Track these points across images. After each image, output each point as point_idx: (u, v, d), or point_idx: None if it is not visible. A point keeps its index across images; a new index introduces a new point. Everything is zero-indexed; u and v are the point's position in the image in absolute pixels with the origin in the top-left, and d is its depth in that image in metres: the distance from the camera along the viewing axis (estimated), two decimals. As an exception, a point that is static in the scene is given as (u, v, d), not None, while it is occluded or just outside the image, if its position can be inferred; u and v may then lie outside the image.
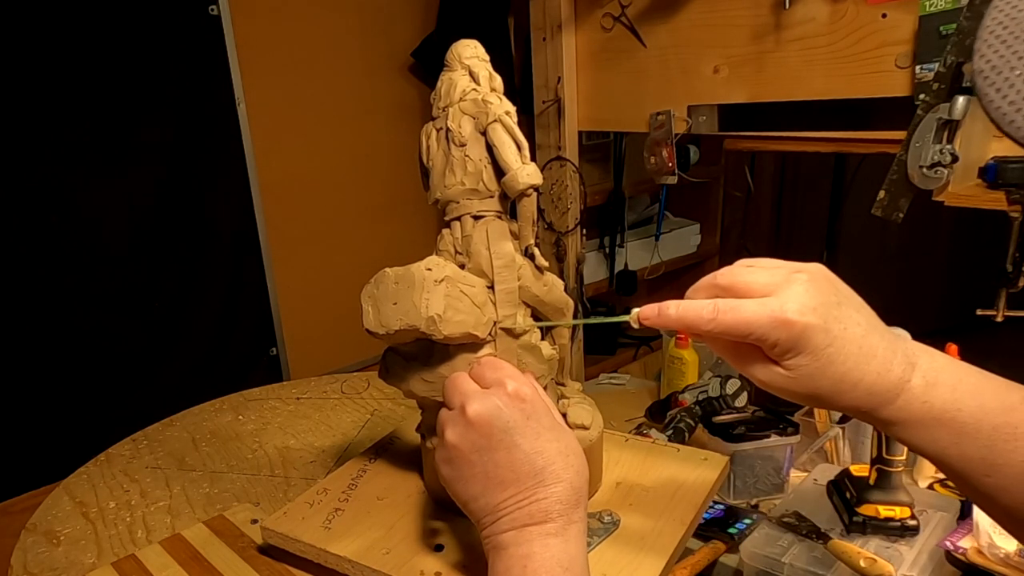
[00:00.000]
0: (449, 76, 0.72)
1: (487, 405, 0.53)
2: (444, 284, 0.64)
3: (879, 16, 1.06)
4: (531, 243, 0.70)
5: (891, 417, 0.47)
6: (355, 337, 0.71)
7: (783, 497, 1.12)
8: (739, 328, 0.46)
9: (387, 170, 2.14)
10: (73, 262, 1.57)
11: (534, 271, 0.71)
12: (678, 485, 0.76)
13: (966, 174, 1.02)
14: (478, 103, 0.69)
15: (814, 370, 0.46)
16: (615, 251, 2.09)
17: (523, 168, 0.66)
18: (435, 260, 0.67)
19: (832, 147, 1.18)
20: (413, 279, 0.64)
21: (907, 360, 0.47)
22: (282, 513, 0.75)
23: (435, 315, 0.63)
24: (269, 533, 0.74)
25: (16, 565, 0.83)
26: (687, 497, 0.74)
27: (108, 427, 1.17)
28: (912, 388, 0.46)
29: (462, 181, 0.69)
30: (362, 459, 0.85)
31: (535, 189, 0.67)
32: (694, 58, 1.29)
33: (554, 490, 0.52)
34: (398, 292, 0.65)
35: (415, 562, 0.66)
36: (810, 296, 0.46)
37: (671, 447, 0.85)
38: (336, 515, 0.74)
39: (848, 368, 0.46)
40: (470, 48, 0.72)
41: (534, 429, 0.53)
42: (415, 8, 2.14)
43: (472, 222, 0.69)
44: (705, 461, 0.81)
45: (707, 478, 0.77)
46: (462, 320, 0.64)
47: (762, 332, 0.45)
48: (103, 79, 1.55)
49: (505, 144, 0.67)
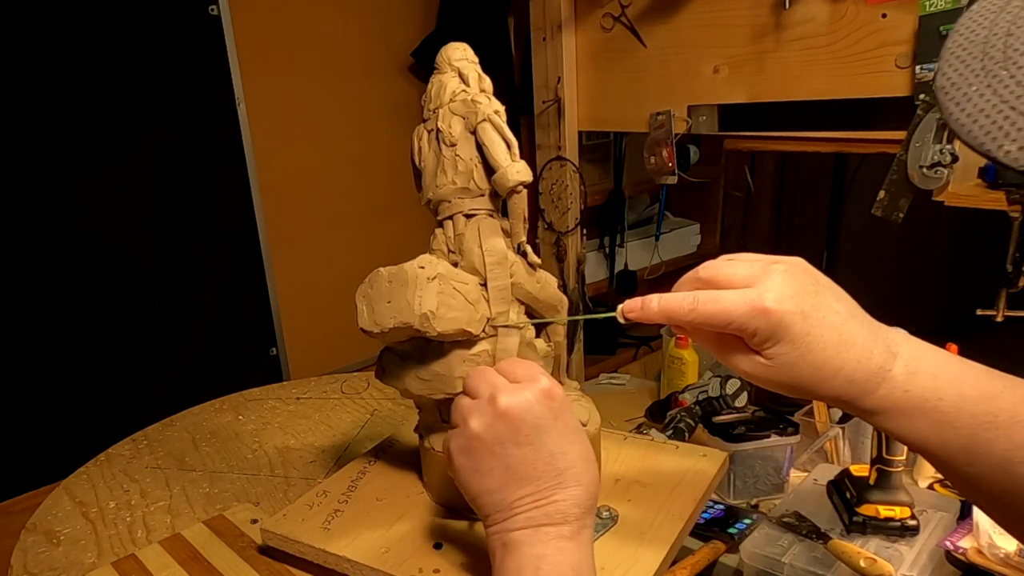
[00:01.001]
0: (439, 78, 0.73)
1: (519, 399, 0.53)
2: (437, 281, 0.65)
3: (879, 16, 1.06)
4: (523, 240, 0.71)
5: (872, 406, 0.47)
6: (355, 337, 0.71)
7: (783, 497, 1.12)
8: (719, 318, 0.47)
9: (387, 170, 2.14)
10: (73, 262, 1.57)
11: (527, 268, 0.71)
12: (677, 480, 0.76)
13: (966, 174, 1.02)
14: (467, 103, 0.70)
15: (793, 358, 0.46)
16: (615, 251, 2.09)
17: (512, 165, 0.67)
18: (427, 258, 0.67)
19: (832, 147, 1.18)
20: (406, 277, 0.65)
21: (888, 349, 0.47)
22: (282, 515, 0.75)
23: (428, 312, 0.63)
24: (269, 535, 0.74)
25: (16, 565, 0.83)
26: (686, 492, 0.74)
27: (108, 427, 1.16)
28: (893, 377, 0.47)
29: (453, 180, 0.70)
30: (362, 461, 0.85)
31: (525, 186, 0.68)
32: (694, 58, 1.29)
33: (573, 492, 0.52)
34: (392, 291, 0.65)
35: (414, 560, 0.67)
36: (787, 285, 0.47)
37: (670, 444, 0.85)
38: (335, 516, 0.74)
39: (828, 356, 0.46)
40: (459, 51, 0.73)
41: (560, 430, 0.53)
42: (415, 8, 2.14)
43: (464, 220, 0.70)
44: (704, 457, 0.81)
45: (706, 473, 0.77)
46: (455, 317, 0.65)
47: (741, 321, 0.46)
48: (103, 79, 1.55)
49: (494, 142, 0.68)
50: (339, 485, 0.80)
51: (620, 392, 1.61)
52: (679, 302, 0.49)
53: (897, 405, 0.47)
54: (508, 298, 0.69)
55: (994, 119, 0.38)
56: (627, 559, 0.65)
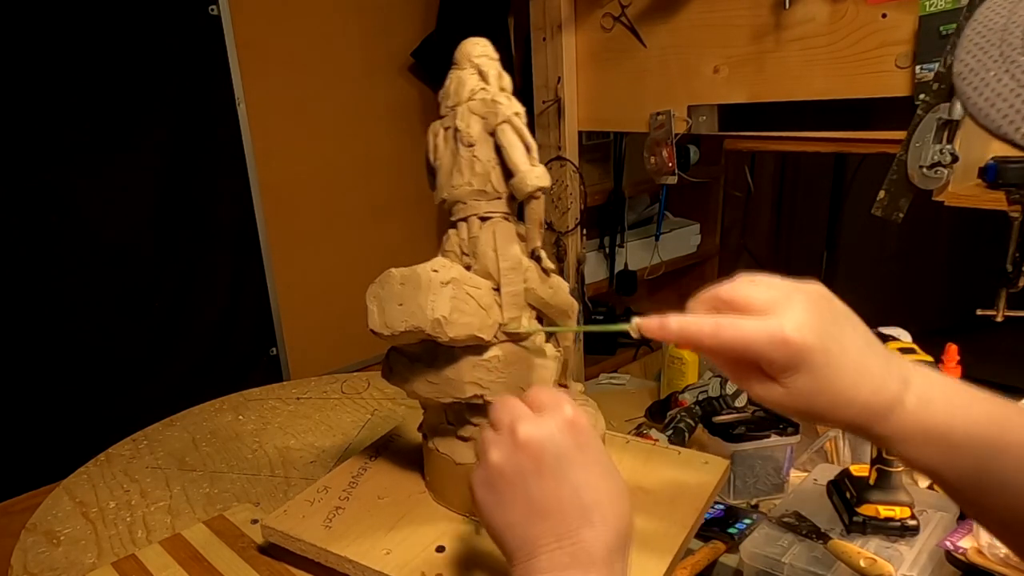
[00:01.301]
0: (458, 75, 0.71)
1: (541, 429, 0.50)
2: (451, 286, 0.64)
3: (879, 16, 1.06)
4: (537, 245, 0.70)
5: (885, 433, 0.48)
6: (355, 337, 0.71)
7: (783, 497, 1.12)
8: (739, 345, 0.47)
9: (387, 170, 2.14)
10: (73, 262, 1.57)
11: (540, 274, 0.70)
12: (679, 488, 0.76)
13: (966, 174, 1.02)
14: (487, 103, 0.68)
15: (811, 388, 0.46)
16: (615, 251, 2.08)
17: (532, 170, 0.66)
18: (441, 261, 0.66)
19: (832, 147, 1.18)
20: (419, 280, 0.64)
21: (901, 378, 0.48)
22: (282, 511, 0.75)
23: (441, 317, 0.62)
24: (269, 531, 0.73)
25: (16, 565, 0.83)
26: (688, 500, 0.74)
27: (108, 427, 1.16)
28: (905, 406, 0.47)
29: (470, 182, 0.68)
30: (362, 457, 0.85)
31: (543, 191, 0.67)
32: (694, 58, 1.29)
33: (600, 531, 0.48)
34: (404, 293, 0.64)
35: (416, 563, 0.66)
36: (809, 316, 0.46)
37: (672, 450, 0.85)
38: (337, 514, 0.74)
39: (845, 386, 0.46)
40: (479, 46, 0.71)
41: (584, 462, 0.50)
42: (415, 8, 2.14)
43: (479, 223, 0.69)
44: (706, 464, 0.81)
45: (708, 481, 0.77)
46: (468, 322, 0.64)
47: (761, 350, 0.46)
48: (103, 79, 1.55)
49: (514, 145, 0.66)
50: (340, 481, 0.80)
51: (620, 392, 1.60)
52: (700, 326, 0.48)
53: (909, 432, 0.47)
54: (521, 304, 0.68)
55: (1012, 103, 0.39)
56: (632, 568, 0.65)
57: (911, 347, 0.97)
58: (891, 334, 1.04)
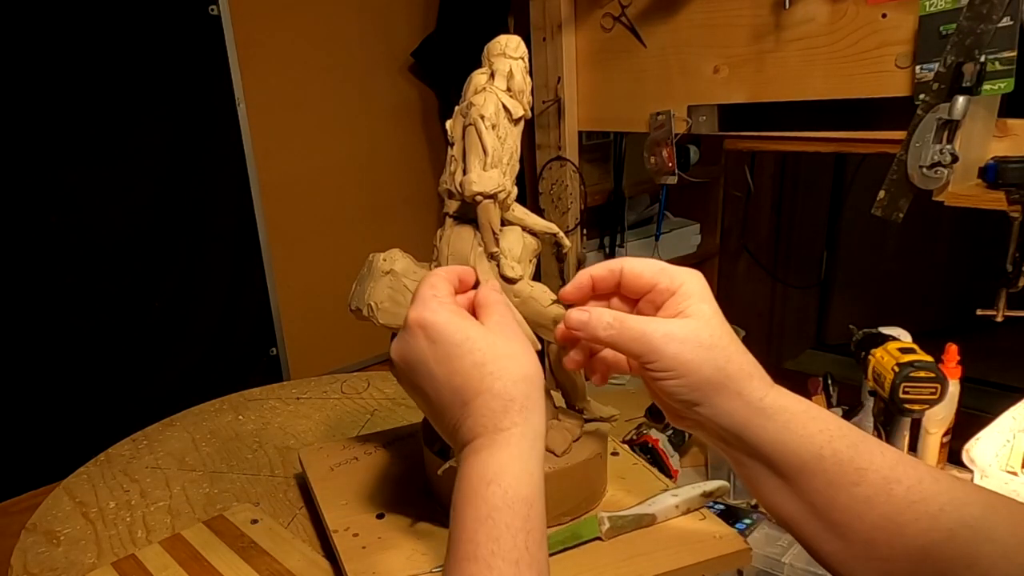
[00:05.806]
0: (474, 73, 0.72)
1: (397, 346, 0.53)
2: (389, 276, 0.69)
3: (879, 16, 1.06)
4: (494, 251, 0.68)
5: (756, 395, 0.50)
6: (355, 337, 0.74)
7: (783, 497, 1.12)
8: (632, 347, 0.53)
9: (387, 170, 2.14)
10: (73, 262, 1.57)
11: (500, 280, 0.68)
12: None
13: (966, 174, 1.02)
14: (468, 104, 0.69)
15: None
16: (615, 251, 2.08)
17: (481, 175, 0.65)
18: (394, 253, 0.71)
19: (832, 147, 1.18)
20: (371, 267, 0.70)
21: (765, 379, 0.51)
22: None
23: (373, 303, 0.68)
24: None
25: (16, 565, 0.82)
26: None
27: (108, 427, 1.16)
28: (766, 379, 0.51)
29: (445, 180, 0.70)
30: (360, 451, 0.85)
31: (486, 197, 0.65)
32: (694, 58, 1.29)
33: (476, 405, 0.49)
34: (362, 276, 0.71)
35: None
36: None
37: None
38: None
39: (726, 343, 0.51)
40: (498, 44, 0.70)
41: (443, 352, 0.50)
42: (415, 8, 2.14)
43: (450, 221, 0.71)
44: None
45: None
46: (399, 313, 0.68)
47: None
48: (103, 79, 1.55)
49: (471, 148, 0.66)
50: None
51: (620, 392, 1.60)
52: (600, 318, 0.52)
53: (761, 408, 0.50)
54: None
55: None
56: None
57: (911, 347, 0.97)
58: (891, 334, 1.04)
